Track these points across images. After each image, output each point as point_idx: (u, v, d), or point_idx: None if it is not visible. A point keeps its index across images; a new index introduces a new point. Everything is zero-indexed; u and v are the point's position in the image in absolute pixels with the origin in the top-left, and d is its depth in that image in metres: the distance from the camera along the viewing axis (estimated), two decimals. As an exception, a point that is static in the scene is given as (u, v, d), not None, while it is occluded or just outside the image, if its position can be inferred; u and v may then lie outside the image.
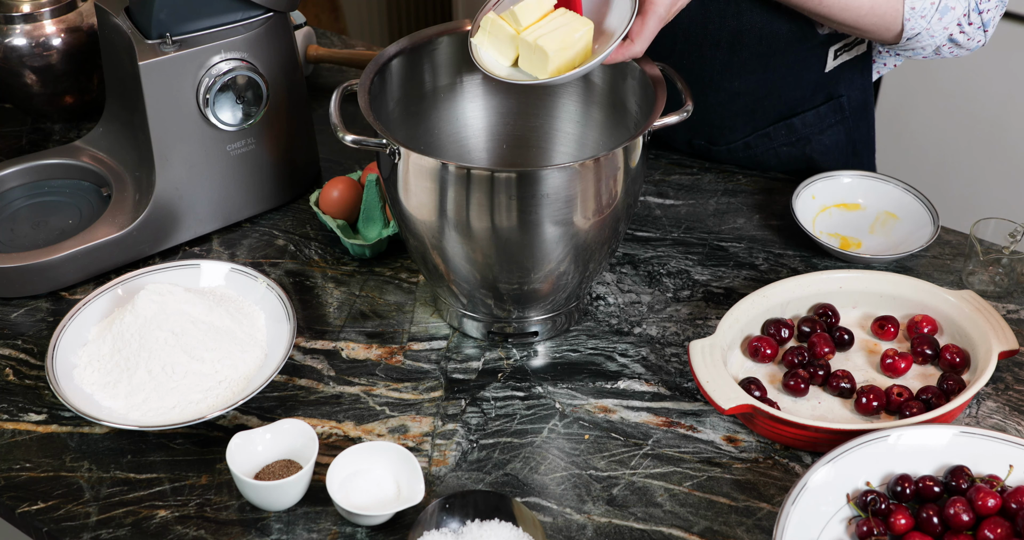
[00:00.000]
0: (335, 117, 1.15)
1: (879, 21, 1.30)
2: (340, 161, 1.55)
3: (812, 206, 1.43)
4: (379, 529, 1.08)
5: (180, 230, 1.39)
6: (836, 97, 1.50)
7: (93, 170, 1.43)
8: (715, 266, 1.38)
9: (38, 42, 1.51)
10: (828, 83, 1.48)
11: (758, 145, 1.51)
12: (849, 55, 1.46)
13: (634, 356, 1.26)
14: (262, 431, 1.11)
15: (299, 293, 1.34)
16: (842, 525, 1.06)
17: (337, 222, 1.37)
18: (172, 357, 1.17)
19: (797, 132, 1.50)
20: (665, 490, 1.12)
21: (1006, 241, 1.31)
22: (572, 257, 1.18)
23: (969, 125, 2.41)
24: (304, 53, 1.70)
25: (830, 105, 1.50)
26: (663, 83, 1.17)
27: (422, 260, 1.22)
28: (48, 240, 1.36)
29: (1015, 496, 1.04)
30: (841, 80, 1.49)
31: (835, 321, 1.27)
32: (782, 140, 1.51)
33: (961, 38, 1.33)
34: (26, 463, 1.15)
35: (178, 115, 1.32)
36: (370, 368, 1.25)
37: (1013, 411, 1.19)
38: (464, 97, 1.32)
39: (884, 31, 1.31)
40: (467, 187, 1.10)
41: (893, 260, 1.36)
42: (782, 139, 1.51)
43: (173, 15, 1.28)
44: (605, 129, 1.30)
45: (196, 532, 1.08)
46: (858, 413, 1.18)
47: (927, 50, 1.35)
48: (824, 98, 1.50)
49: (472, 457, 1.15)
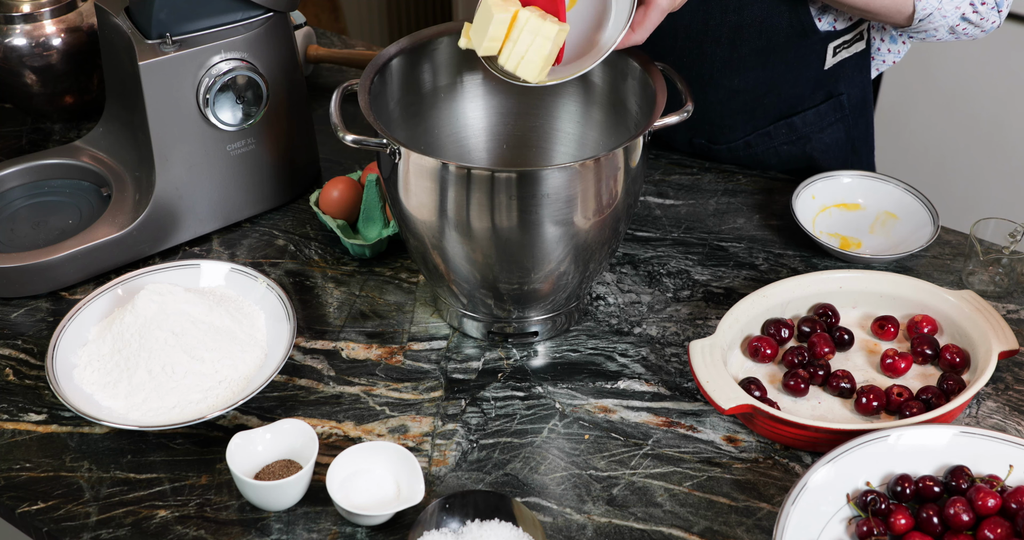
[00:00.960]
0: (335, 117, 1.15)
1: (891, 3, 1.29)
2: (340, 161, 1.55)
3: (812, 206, 1.43)
4: (379, 529, 1.08)
5: (180, 230, 1.39)
6: (836, 95, 1.50)
7: (93, 170, 1.43)
8: (715, 266, 1.38)
9: (38, 42, 1.51)
10: (828, 81, 1.48)
11: (759, 144, 1.51)
12: (848, 52, 1.46)
13: (634, 356, 1.26)
14: (262, 431, 1.11)
15: (299, 293, 1.34)
16: (842, 525, 1.06)
17: (337, 222, 1.37)
18: (172, 357, 1.17)
19: (797, 131, 1.50)
20: (665, 490, 1.12)
21: (1006, 241, 1.31)
22: (572, 257, 1.18)
23: (969, 125, 2.41)
24: (304, 53, 1.70)
25: (830, 103, 1.50)
26: (663, 83, 1.17)
27: (422, 260, 1.22)
28: (48, 240, 1.36)
29: (1015, 496, 1.04)
30: (841, 78, 1.49)
31: (835, 321, 1.27)
32: (782, 139, 1.51)
33: (974, 18, 1.31)
34: (26, 463, 1.15)
35: (178, 115, 1.32)
36: (370, 368, 1.25)
37: (1013, 411, 1.19)
38: (464, 97, 1.32)
39: (896, 14, 1.31)
40: (467, 187, 1.10)
41: (893, 260, 1.36)
42: (782, 138, 1.51)
43: (173, 15, 1.28)
44: (605, 129, 1.30)
45: (196, 532, 1.08)
46: (858, 413, 1.18)
47: (940, 32, 1.34)
48: (824, 96, 1.50)
49: (472, 457, 1.15)
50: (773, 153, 1.52)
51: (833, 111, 1.51)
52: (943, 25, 1.32)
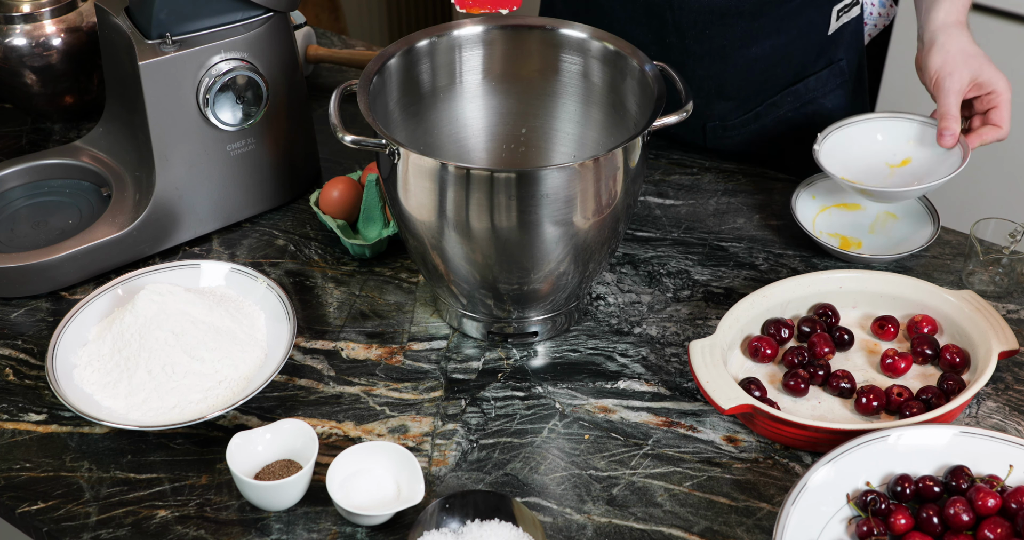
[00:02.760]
0: (335, 117, 1.15)
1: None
2: (340, 161, 1.55)
3: (812, 206, 1.43)
4: (379, 529, 1.08)
5: (180, 230, 1.39)
6: (836, 61, 1.52)
7: (93, 170, 1.43)
8: (715, 266, 1.38)
9: (38, 42, 1.51)
10: (828, 47, 1.50)
11: (768, 114, 1.52)
12: (848, 16, 1.48)
13: (634, 356, 1.26)
14: (262, 431, 1.12)
15: (299, 293, 1.34)
16: (842, 525, 1.06)
17: (337, 222, 1.37)
18: (172, 357, 1.17)
19: (801, 97, 1.52)
20: (665, 490, 1.12)
21: (1006, 241, 1.31)
22: (572, 257, 1.18)
23: (969, 125, 2.41)
24: (304, 53, 1.70)
25: (831, 69, 1.52)
26: (663, 83, 1.17)
27: (422, 260, 1.22)
28: (48, 240, 1.36)
29: (1015, 496, 1.04)
30: (840, 43, 1.51)
31: (835, 321, 1.27)
32: (788, 106, 1.52)
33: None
34: (26, 463, 1.15)
35: (178, 115, 1.32)
36: (370, 368, 1.25)
37: (1013, 411, 1.19)
38: (464, 97, 1.32)
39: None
40: (467, 187, 1.10)
41: (893, 260, 1.36)
42: (788, 105, 1.52)
43: (173, 15, 1.28)
44: (605, 129, 1.30)
45: (196, 532, 1.08)
46: (858, 413, 1.18)
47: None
48: (825, 63, 1.51)
49: (472, 457, 1.15)
50: (780, 122, 1.53)
51: (834, 77, 1.52)
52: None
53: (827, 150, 1.39)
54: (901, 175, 1.39)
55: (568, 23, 1.27)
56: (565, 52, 1.28)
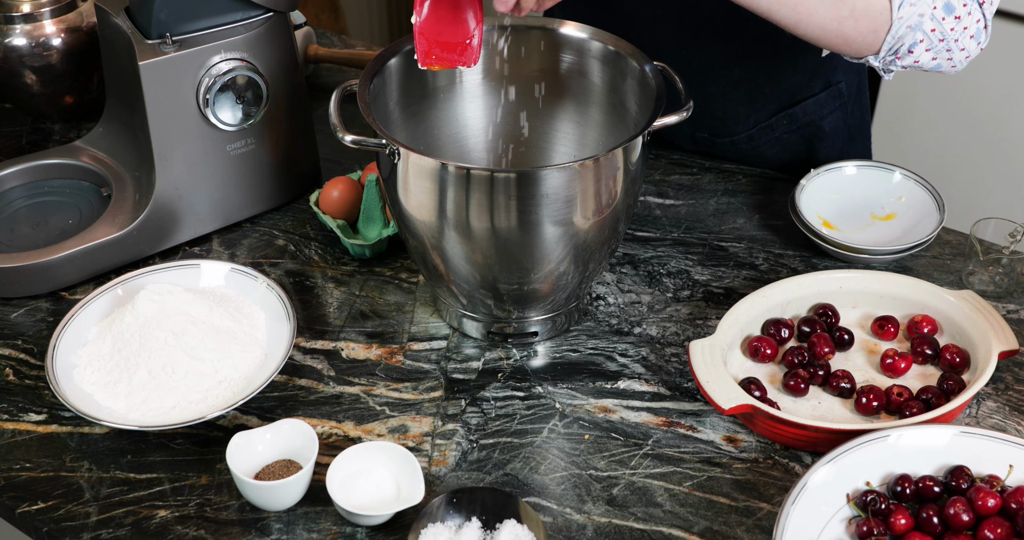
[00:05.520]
0: (335, 117, 1.15)
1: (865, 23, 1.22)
2: (340, 161, 1.55)
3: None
4: (379, 529, 1.08)
5: (180, 230, 1.39)
6: (835, 83, 1.50)
7: (93, 170, 1.43)
8: (715, 266, 1.38)
9: (38, 42, 1.51)
10: (825, 69, 1.48)
11: (761, 136, 1.51)
12: None
13: (634, 356, 1.26)
14: (262, 431, 1.12)
15: (299, 293, 1.34)
16: (842, 525, 1.06)
17: (337, 222, 1.37)
18: (172, 357, 1.17)
19: (798, 120, 1.50)
20: (665, 490, 1.12)
21: (1006, 241, 1.31)
22: (572, 257, 1.18)
23: (969, 125, 2.41)
24: (304, 53, 1.70)
25: (829, 92, 1.50)
26: (663, 83, 1.17)
27: (422, 260, 1.22)
28: (48, 240, 1.36)
29: (1015, 496, 1.04)
30: (838, 65, 1.49)
31: (835, 321, 1.27)
32: (784, 129, 1.51)
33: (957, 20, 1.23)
34: (26, 463, 1.15)
35: (178, 115, 1.32)
36: (370, 368, 1.25)
37: (1013, 411, 1.19)
38: (464, 97, 1.32)
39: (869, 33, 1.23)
40: (467, 187, 1.10)
41: (893, 260, 1.36)
42: (784, 128, 1.51)
43: (173, 15, 1.28)
44: (605, 129, 1.30)
45: (196, 532, 1.08)
46: (858, 413, 1.18)
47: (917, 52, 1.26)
48: (823, 85, 1.50)
49: (472, 457, 1.15)
50: (775, 143, 1.52)
51: (832, 99, 1.51)
52: (918, 26, 1.23)
53: (815, 185, 1.42)
54: (880, 228, 1.40)
55: (568, 23, 1.27)
56: (565, 52, 1.28)
